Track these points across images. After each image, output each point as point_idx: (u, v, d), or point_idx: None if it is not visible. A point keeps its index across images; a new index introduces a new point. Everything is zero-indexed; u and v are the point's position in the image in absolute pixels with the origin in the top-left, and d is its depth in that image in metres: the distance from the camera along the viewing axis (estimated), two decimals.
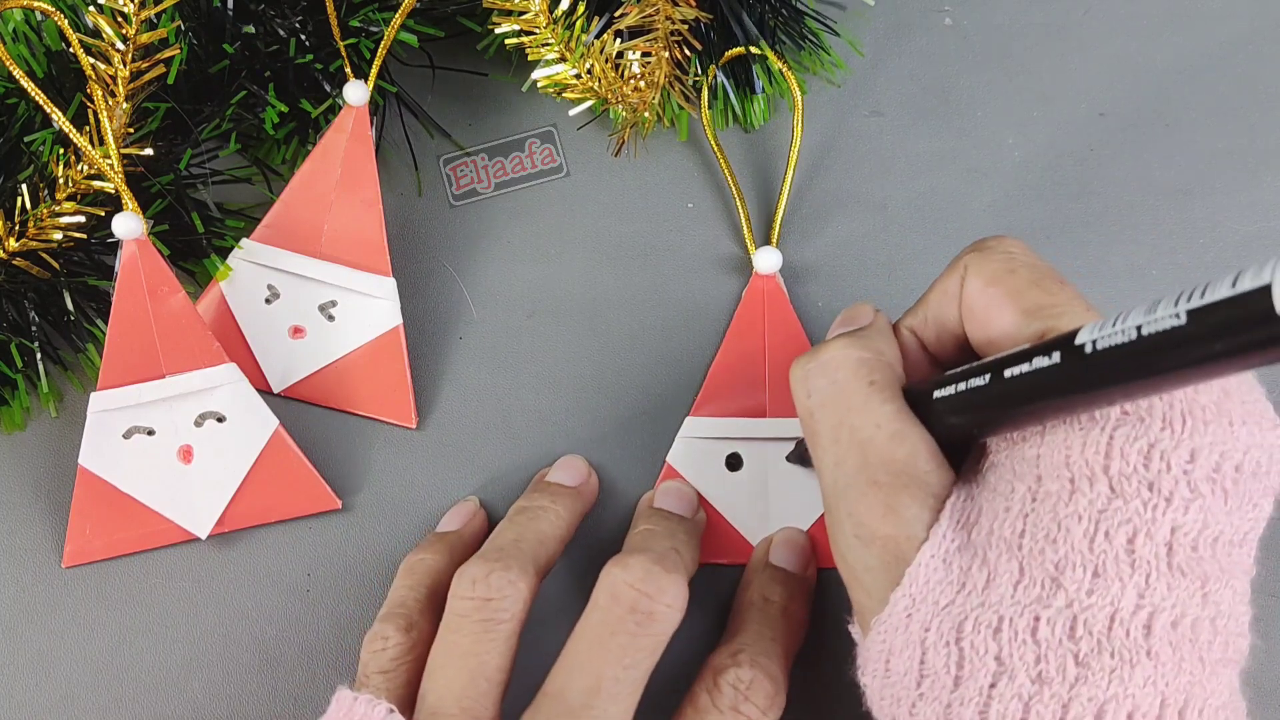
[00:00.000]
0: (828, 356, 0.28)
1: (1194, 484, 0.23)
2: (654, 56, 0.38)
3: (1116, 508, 0.23)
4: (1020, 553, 0.24)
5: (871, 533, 0.26)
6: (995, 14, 0.43)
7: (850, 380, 0.27)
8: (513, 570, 0.31)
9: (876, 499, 0.26)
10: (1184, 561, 0.23)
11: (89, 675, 0.36)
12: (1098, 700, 0.23)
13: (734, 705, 0.30)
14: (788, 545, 0.35)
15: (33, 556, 0.37)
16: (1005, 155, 0.41)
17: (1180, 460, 0.23)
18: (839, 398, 0.27)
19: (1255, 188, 0.40)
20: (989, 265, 0.27)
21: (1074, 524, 0.23)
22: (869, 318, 0.30)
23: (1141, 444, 0.23)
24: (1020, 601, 0.24)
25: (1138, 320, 0.20)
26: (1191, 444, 0.23)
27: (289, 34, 0.39)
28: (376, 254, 0.38)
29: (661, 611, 0.29)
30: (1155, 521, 0.23)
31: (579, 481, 0.36)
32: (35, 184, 0.36)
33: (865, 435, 0.26)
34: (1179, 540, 0.23)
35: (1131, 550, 0.23)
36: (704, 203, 0.41)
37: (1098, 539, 0.23)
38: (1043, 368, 0.23)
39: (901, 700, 0.26)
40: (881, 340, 0.29)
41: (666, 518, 0.34)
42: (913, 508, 0.25)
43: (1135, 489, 0.23)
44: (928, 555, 0.25)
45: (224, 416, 0.36)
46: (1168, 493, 0.23)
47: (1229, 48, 0.43)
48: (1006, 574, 0.24)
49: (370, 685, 0.31)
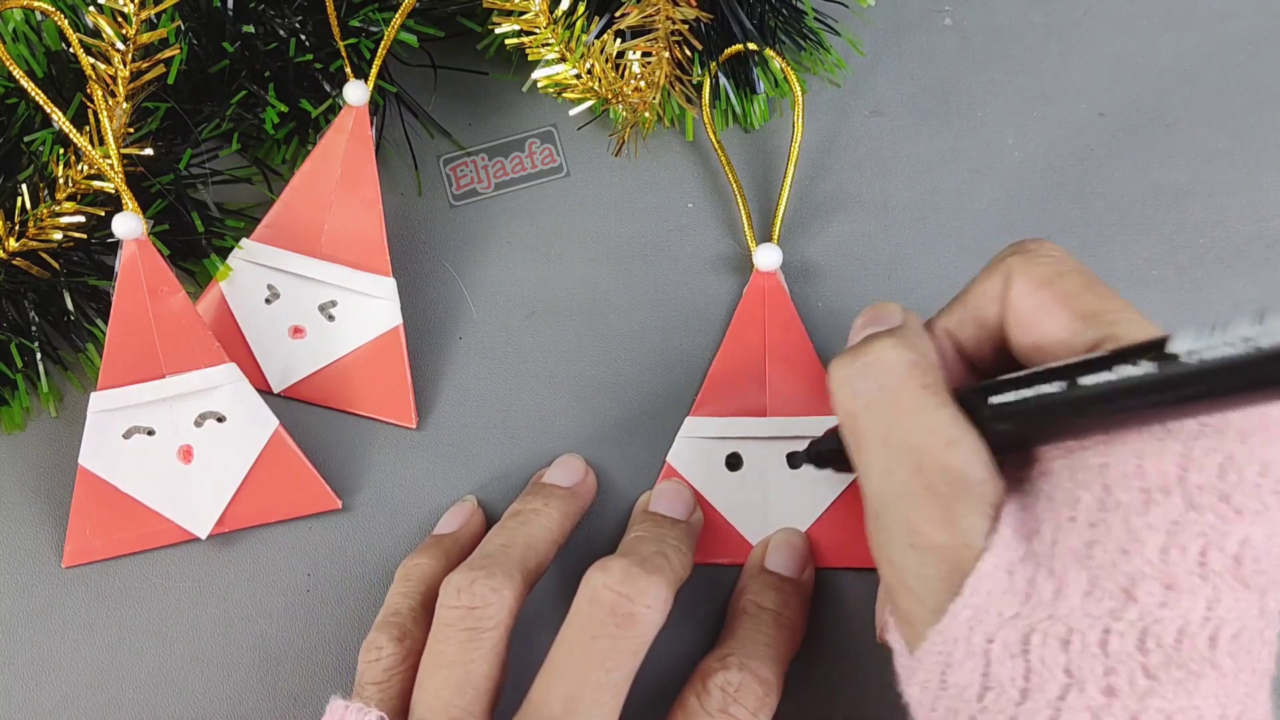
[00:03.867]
0: (874, 357, 0.27)
1: (1264, 497, 0.23)
2: (654, 56, 0.38)
3: (1191, 520, 0.23)
4: (1091, 564, 0.23)
5: (928, 541, 0.25)
6: (995, 14, 0.43)
7: (902, 384, 0.26)
8: (496, 578, 0.31)
9: (933, 507, 0.25)
10: (1249, 574, 0.23)
11: (89, 675, 0.36)
12: (1166, 712, 0.23)
13: (722, 708, 0.30)
14: (783, 549, 0.35)
15: (33, 556, 0.37)
16: (1005, 155, 0.41)
17: (1253, 473, 0.23)
18: (890, 402, 0.26)
19: (1255, 188, 0.40)
20: (1037, 268, 0.27)
21: (1148, 536, 0.23)
22: (899, 317, 0.29)
23: (1218, 456, 0.23)
24: (1091, 614, 0.23)
25: (1246, 332, 0.20)
26: (1264, 456, 0.23)
27: (289, 34, 0.39)
28: (376, 254, 0.38)
29: (641, 613, 0.29)
30: (1227, 535, 0.23)
31: (575, 481, 0.36)
32: (35, 184, 0.36)
33: (918, 441, 0.25)
34: (1246, 553, 0.23)
35: (1203, 563, 0.23)
36: (704, 203, 0.41)
37: (1171, 552, 0.23)
38: (1131, 377, 0.22)
39: (959, 712, 0.25)
40: (923, 341, 0.28)
41: (658, 522, 0.34)
42: (970, 516, 0.25)
43: (1210, 502, 0.23)
44: (990, 565, 0.24)
45: (224, 416, 0.36)
46: (1239, 505, 0.23)
47: (1229, 48, 0.43)
48: (1076, 585, 0.23)
49: (365, 696, 0.31)
